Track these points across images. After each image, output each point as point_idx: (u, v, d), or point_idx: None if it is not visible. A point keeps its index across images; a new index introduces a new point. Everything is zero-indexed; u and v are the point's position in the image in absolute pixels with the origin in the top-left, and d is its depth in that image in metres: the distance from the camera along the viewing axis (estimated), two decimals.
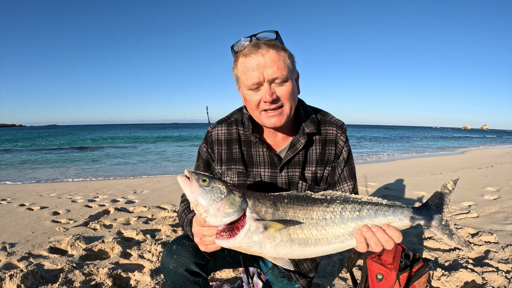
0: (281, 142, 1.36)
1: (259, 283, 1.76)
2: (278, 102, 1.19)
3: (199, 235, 1.08)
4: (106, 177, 9.06)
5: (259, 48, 1.15)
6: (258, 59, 1.15)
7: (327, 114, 1.41)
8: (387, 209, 0.99)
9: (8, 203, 4.65)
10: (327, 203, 0.99)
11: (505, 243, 2.72)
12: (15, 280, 2.06)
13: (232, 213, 0.93)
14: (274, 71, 1.15)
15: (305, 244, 0.97)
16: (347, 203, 0.99)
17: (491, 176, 6.75)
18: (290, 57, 1.22)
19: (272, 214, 0.96)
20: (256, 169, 1.36)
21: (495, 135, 68.48)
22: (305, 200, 1.00)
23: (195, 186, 0.95)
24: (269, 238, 0.94)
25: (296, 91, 1.26)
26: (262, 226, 0.94)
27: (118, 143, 27.10)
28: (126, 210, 4.18)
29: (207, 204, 0.93)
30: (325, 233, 0.97)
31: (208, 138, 1.42)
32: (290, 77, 1.20)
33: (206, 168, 1.43)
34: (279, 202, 0.98)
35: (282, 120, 1.22)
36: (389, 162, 11.99)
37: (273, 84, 1.18)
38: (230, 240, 0.94)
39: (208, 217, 0.94)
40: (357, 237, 0.97)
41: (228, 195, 0.95)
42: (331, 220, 0.97)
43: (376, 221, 0.98)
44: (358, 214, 0.98)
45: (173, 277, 1.24)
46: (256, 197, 0.98)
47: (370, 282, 1.78)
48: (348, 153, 1.39)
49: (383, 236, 0.96)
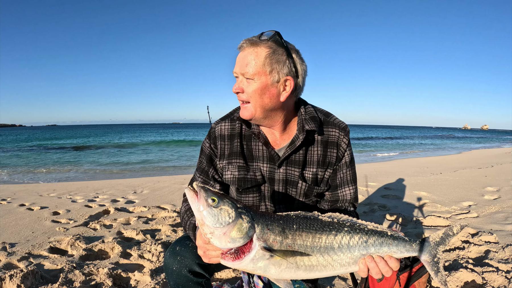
0: (279, 139, 1.36)
1: (259, 283, 1.76)
2: (243, 96, 1.23)
3: (203, 249, 1.07)
4: (106, 177, 9.06)
5: (243, 45, 1.22)
6: (240, 54, 1.22)
7: (330, 115, 1.40)
8: (392, 241, 1.03)
9: (8, 203, 4.64)
10: (335, 231, 1.00)
11: (505, 243, 2.72)
12: (15, 280, 2.06)
13: (238, 239, 0.91)
14: (241, 66, 1.20)
15: (310, 270, 0.98)
16: (355, 232, 1.02)
17: (491, 176, 6.75)
18: (271, 58, 1.18)
19: (280, 243, 0.95)
20: (256, 163, 1.36)
21: (495, 135, 68.45)
22: (313, 225, 1.00)
23: (202, 204, 0.91)
24: (274, 265, 0.95)
25: (267, 93, 1.21)
26: (269, 254, 0.93)
27: (119, 143, 27.09)
28: (126, 210, 4.18)
29: (213, 227, 0.91)
30: (331, 261, 0.99)
31: (211, 134, 1.42)
32: (258, 76, 1.18)
33: (209, 163, 1.42)
34: (288, 228, 0.97)
35: (246, 115, 1.25)
36: (389, 162, 11.99)
37: (245, 79, 1.22)
38: (236, 263, 0.94)
39: (213, 239, 0.92)
40: (360, 266, 1.01)
41: (236, 220, 0.92)
42: (339, 249, 0.99)
43: (380, 252, 1.02)
44: (365, 245, 1.01)
45: (176, 278, 1.24)
46: (265, 223, 0.96)
47: (370, 282, 1.78)
48: (350, 157, 1.38)
49: (385, 267, 1.01)
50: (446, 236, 1.07)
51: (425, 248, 1.06)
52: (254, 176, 1.35)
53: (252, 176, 1.35)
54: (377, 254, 1.01)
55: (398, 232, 1.06)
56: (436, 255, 1.06)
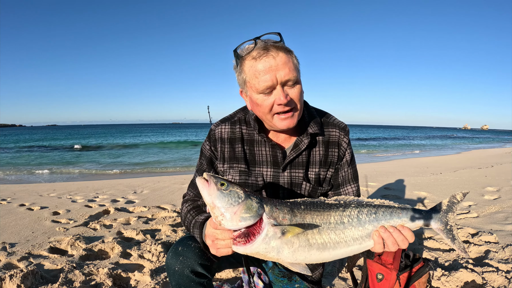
0: (283, 142, 1.36)
1: (260, 283, 1.76)
2: (292, 104, 1.19)
3: (212, 238, 1.07)
4: (106, 177, 9.06)
5: (269, 51, 1.14)
6: (270, 62, 1.13)
7: (330, 116, 1.42)
8: (401, 211, 1.05)
9: (8, 203, 4.64)
10: (342, 207, 1.02)
11: (505, 243, 2.72)
12: (15, 280, 2.06)
13: (249, 217, 0.94)
14: (286, 73, 1.13)
15: (323, 248, 0.99)
16: (362, 206, 1.03)
17: (491, 176, 6.75)
18: (296, 58, 1.22)
19: (289, 220, 0.97)
20: (259, 168, 1.35)
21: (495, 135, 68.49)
22: (320, 205, 1.02)
23: (213, 189, 0.95)
24: (287, 244, 0.95)
25: (302, 96, 1.26)
26: (280, 232, 0.94)
27: (119, 144, 27.09)
28: (126, 210, 4.18)
29: (224, 207, 0.94)
30: (344, 236, 1.00)
31: (211, 136, 1.41)
32: (299, 78, 1.20)
33: (210, 166, 1.42)
34: (296, 208, 0.99)
35: (295, 122, 1.22)
36: (389, 162, 11.99)
37: (286, 86, 1.17)
38: (248, 246, 0.95)
39: (224, 220, 0.94)
40: (375, 238, 1.01)
41: (245, 199, 0.95)
42: (349, 223, 1.00)
43: (392, 223, 1.03)
44: (375, 216, 1.02)
45: (179, 279, 1.24)
46: (273, 203, 0.99)
47: (370, 282, 1.78)
48: (351, 156, 1.40)
49: (399, 236, 1.01)
50: (452, 203, 1.08)
51: (436, 215, 1.07)
52: (256, 181, 1.35)
53: (253, 181, 1.35)
54: (389, 224, 1.03)
55: (405, 205, 1.07)
56: (448, 222, 1.07)
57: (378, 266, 1.74)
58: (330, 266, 2.52)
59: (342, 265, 2.41)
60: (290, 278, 1.55)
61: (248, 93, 1.24)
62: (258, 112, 1.25)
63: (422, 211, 1.06)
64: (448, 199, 1.10)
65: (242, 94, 1.32)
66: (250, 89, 1.21)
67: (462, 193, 1.10)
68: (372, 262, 1.77)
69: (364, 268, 1.83)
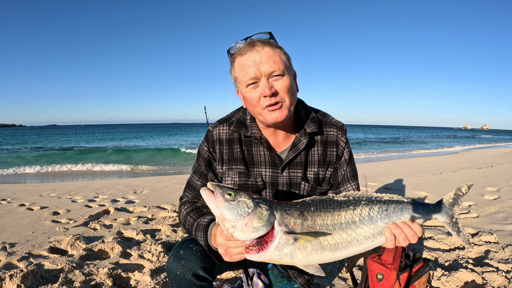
0: (282, 142, 1.36)
1: (259, 283, 1.76)
2: (277, 96, 1.19)
3: (224, 247, 1.05)
4: (106, 177, 9.05)
5: (254, 46, 1.18)
6: (254, 56, 1.17)
7: (327, 115, 1.42)
8: (411, 206, 1.05)
9: (8, 203, 4.65)
10: (353, 205, 1.01)
11: (505, 243, 2.72)
12: (15, 280, 2.06)
13: (261, 227, 0.92)
14: (270, 65, 1.16)
15: (336, 249, 0.98)
16: (373, 203, 1.03)
17: (491, 176, 6.74)
18: (285, 54, 1.23)
19: (301, 225, 0.96)
20: (257, 169, 1.35)
21: (495, 135, 68.46)
22: (330, 204, 1.01)
23: (220, 201, 0.92)
24: (300, 249, 0.95)
25: (294, 87, 1.26)
26: (293, 238, 0.93)
27: (119, 144, 27.09)
28: (126, 210, 4.18)
29: (234, 220, 0.92)
30: (355, 235, 1.00)
31: (209, 138, 1.41)
32: (287, 72, 1.20)
33: (208, 167, 1.41)
34: (306, 211, 0.98)
35: (283, 114, 1.20)
36: (389, 162, 11.99)
37: (271, 78, 1.18)
38: (261, 254, 0.94)
39: (236, 232, 0.92)
40: (387, 236, 1.01)
41: (255, 209, 0.93)
42: (361, 222, 1.00)
43: (403, 218, 1.04)
44: (386, 213, 1.02)
45: (180, 283, 1.23)
46: (283, 208, 0.97)
47: (370, 282, 1.78)
48: (349, 154, 1.40)
49: (410, 231, 1.02)
50: (457, 196, 1.10)
51: (443, 209, 1.09)
52: (255, 182, 1.35)
53: (253, 182, 1.35)
54: (400, 221, 1.03)
55: (414, 199, 1.08)
56: (454, 216, 1.09)
57: (378, 266, 1.74)
58: (330, 266, 2.51)
59: (342, 265, 2.41)
60: (290, 278, 1.55)
61: (239, 89, 1.27)
62: (249, 107, 1.27)
63: (430, 205, 1.08)
64: (454, 192, 1.10)
65: (238, 93, 1.33)
66: (239, 84, 1.24)
67: (467, 185, 1.10)
68: (372, 262, 1.77)
69: (364, 268, 1.83)
